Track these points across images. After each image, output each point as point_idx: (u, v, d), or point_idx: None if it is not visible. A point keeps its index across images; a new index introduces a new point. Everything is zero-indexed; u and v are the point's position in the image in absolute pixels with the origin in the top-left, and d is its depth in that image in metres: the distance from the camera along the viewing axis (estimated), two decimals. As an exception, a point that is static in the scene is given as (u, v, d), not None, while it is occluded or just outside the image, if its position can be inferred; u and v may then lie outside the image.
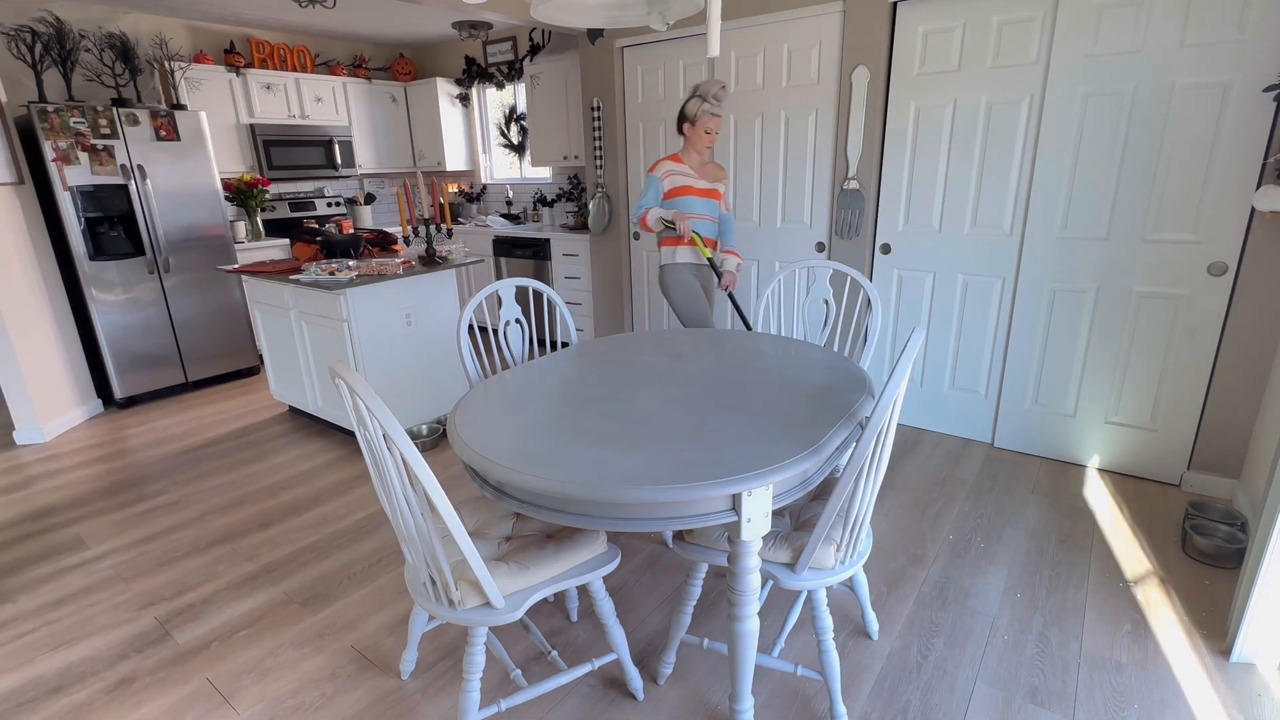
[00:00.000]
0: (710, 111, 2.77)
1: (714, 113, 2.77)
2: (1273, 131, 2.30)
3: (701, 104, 2.77)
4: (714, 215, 2.98)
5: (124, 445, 3.49)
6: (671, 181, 2.92)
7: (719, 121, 2.82)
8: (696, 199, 2.91)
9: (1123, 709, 1.66)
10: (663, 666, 1.78)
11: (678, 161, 2.93)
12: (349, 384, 1.15)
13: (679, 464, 1.33)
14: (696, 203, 2.92)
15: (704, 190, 2.93)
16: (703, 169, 2.95)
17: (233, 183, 4.66)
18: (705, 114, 2.78)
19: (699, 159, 2.93)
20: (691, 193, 2.90)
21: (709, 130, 2.82)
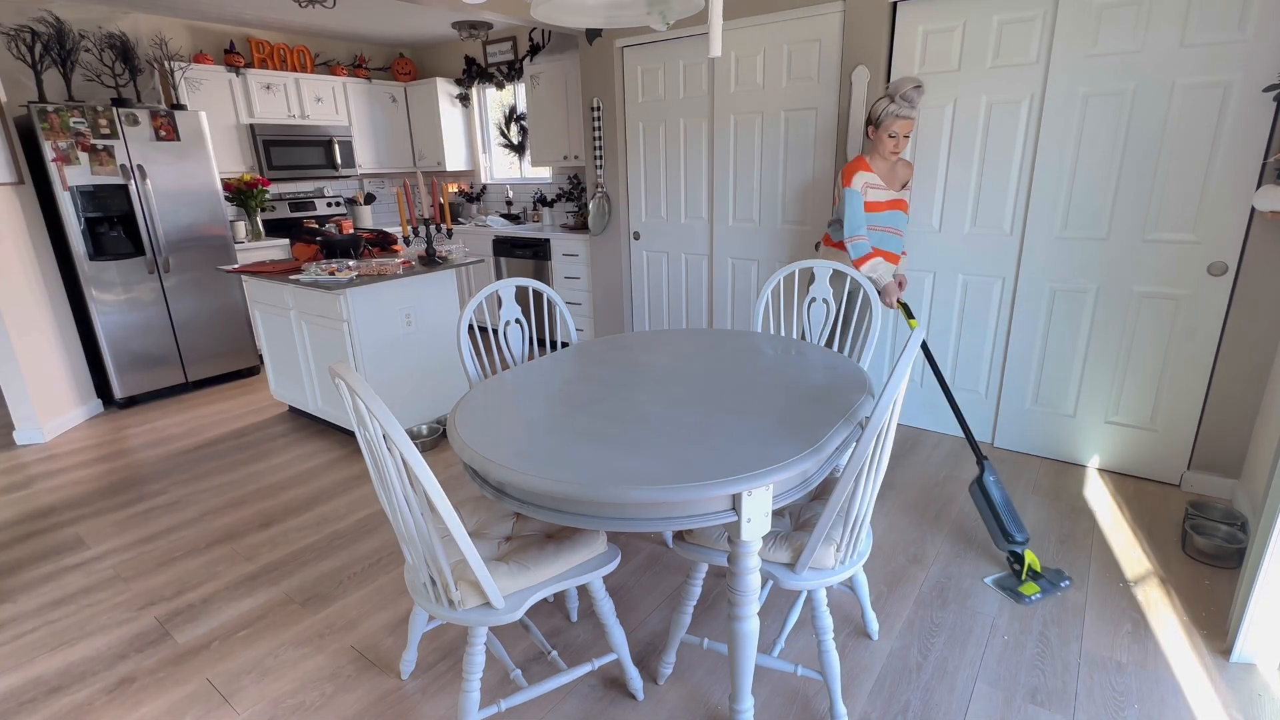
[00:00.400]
0: (897, 114, 2.48)
1: (901, 114, 2.48)
2: (1273, 131, 2.30)
3: (888, 105, 2.49)
4: (899, 228, 2.68)
5: (124, 445, 3.49)
6: (866, 194, 2.61)
7: (908, 124, 2.50)
8: (880, 214, 2.64)
9: (1123, 709, 1.66)
10: (663, 666, 1.78)
11: (867, 170, 2.59)
12: (349, 384, 1.15)
13: (679, 464, 1.33)
14: (880, 218, 2.65)
15: (890, 203, 2.65)
16: (889, 175, 2.65)
17: (233, 183, 4.66)
18: (890, 116, 2.48)
19: (887, 165, 2.64)
20: (876, 207, 2.63)
21: (893, 134, 2.52)
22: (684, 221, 4.02)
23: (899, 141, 2.54)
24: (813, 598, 1.56)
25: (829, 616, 1.58)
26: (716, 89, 3.63)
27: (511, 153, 5.70)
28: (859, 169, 2.58)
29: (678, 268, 4.15)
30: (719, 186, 3.80)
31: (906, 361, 1.26)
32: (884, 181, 2.63)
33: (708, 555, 1.58)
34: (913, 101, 2.47)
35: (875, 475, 1.40)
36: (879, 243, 2.69)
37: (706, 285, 4.05)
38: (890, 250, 2.70)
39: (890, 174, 2.65)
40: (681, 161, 3.91)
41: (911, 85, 2.45)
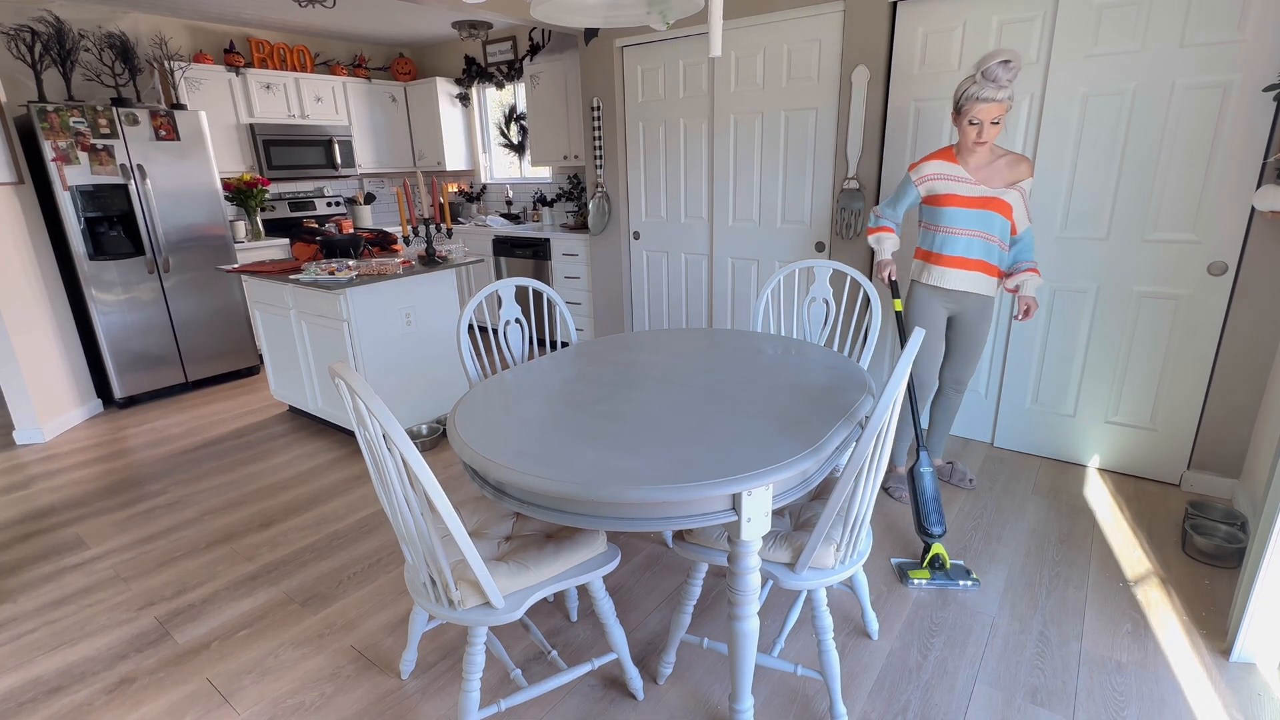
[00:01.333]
0: (978, 95, 2.08)
1: (983, 97, 2.07)
2: (1273, 131, 2.30)
3: (969, 85, 2.11)
4: (990, 233, 2.31)
5: (124, 445, 3.49)
6: (931, 187, 2.32)
7: (993, 109, 2.08)
8: (961, 211, 2.30)
9: (1123, 709, 1.66)
10: (662, 666, 1.78)
11: (948, 160, 2.29)
12: (349, 384, 1.15)
13: (679, 464, 1.33)
14: (961, 216, 2.30)
15: (976, 200, 2.27)
16: (986, 170, 2.27)
17: (232, 182, 4.66)
18: (970, 99, 2.10)
19: (979, 158, 2.26)
20: (955, 202, 2.29)
21: (974, 120, 2.13)
22: (684, 221, 4.02)
23: (983, 130, 2.13)
24: (813, 597, 1.57)
25: (829, 616, 1.58)
26: (716, 89, 3.63)
27: (511, 152, 5.70)
28: (934, 157, 2.33)
29: (678, 268, 4.15)
30: (719, 186, 3.80)
31: (906, 361, 1.26)
32: (972, 176, 2.27)
33: (708, 555, 1.58)
34: (999, 80, 2.05)
35: (875, 475, 1.40)
36: (961, 249, 2.34)
37: (706, 285, 4.05)
38: (976, 258, 2.34)
39: (986, 169, 2.27)
40: (681, 161, 3.91)
41: (998, 60, 2.04)
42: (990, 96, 2.08)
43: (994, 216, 2.30)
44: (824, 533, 1.43)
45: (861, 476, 1.39)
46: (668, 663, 1.77)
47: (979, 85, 2.08)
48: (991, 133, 2.16)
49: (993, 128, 2.14)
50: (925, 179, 2.36)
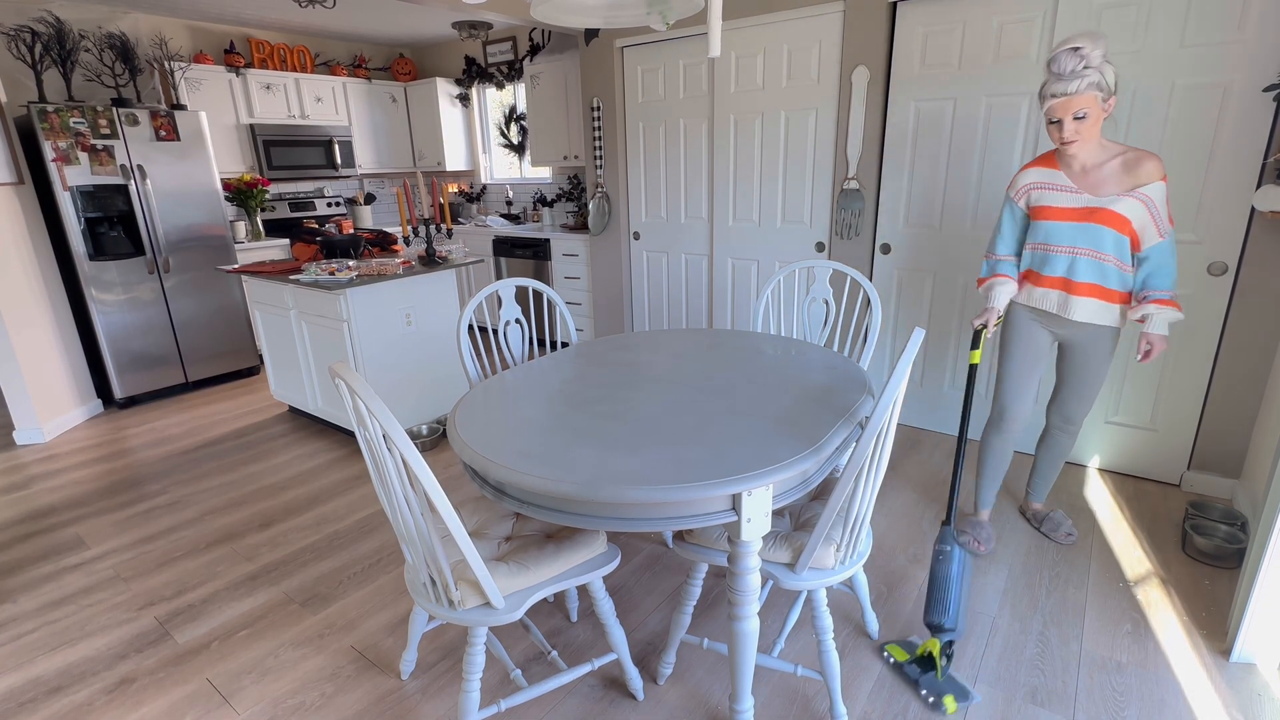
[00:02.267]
0: (1050, 92, 1.81)
1: (1054, 92, 1.81)
2: (1273, 131, 2.30)
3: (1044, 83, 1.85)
4: (1100, 250, 1.94)
5: (124, 445, 3.49)
6: (1031, 198, 2.04)
7: (1069, 103, 1.79)
8: (1060, 226, 1.98)
9: (1123, 709, 1.66)
10: (662, 666, 1.77)
11: (1049, 166, 2.00)
12: (349, 384, 1.15)
13: (679, 464, 1.33)
14: (1060, 231, 1.99)
15: (1077, 211, 1.94)
16: (1093, 175, 1.92)
17: (233, 183, 4.66)
18: (1043, 98, 1.85)
19: (1083, 160, 1.93)
20: (1052, 215, 1.99)
21: (1053, 119, 1.85)
22: (684, 221, 4.02)
23: (1064, 128, 1.84)
24: (813, 598, 1.56)
25: (829, 617, 1.58)
26: (716, 89, 3.63)
27: (511, 153, 5.70)
28: (1034, 164, 2.03)
29: (678, 268, 4.15)
30: (719, 186, 3.80)
31: (906, 361, 1.26)
32: (1075, 183, 1.95)
33: (708, 555, 1.58)
34: (1062, 70, 1.77)
35: (875, 475, 1.40)
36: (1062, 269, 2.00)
37: (706, 285, 4.05)
38: (1083, 280, 1.99)
39: (1094, 173, 1.93)
40: (681, 161, 3.91)
41: (1067, 47, 1.76)
42: (1061, 91, 1.79)
43: (1103, 230, 1.92)
44: (824, 533, 1.43)
45: (861, 477, 1.39)
46: (668, 663, 1.77)
47: (1049, 79, 1.82)
48: (1077, 130, 1.83)
49: (1077, 123, 1.82)
50: (1022, 190, 2.05)
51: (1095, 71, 1.75)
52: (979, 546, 2.31)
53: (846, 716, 1.63)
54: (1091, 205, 1.93)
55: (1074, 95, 1.78)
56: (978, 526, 2.38)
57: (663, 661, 1.77)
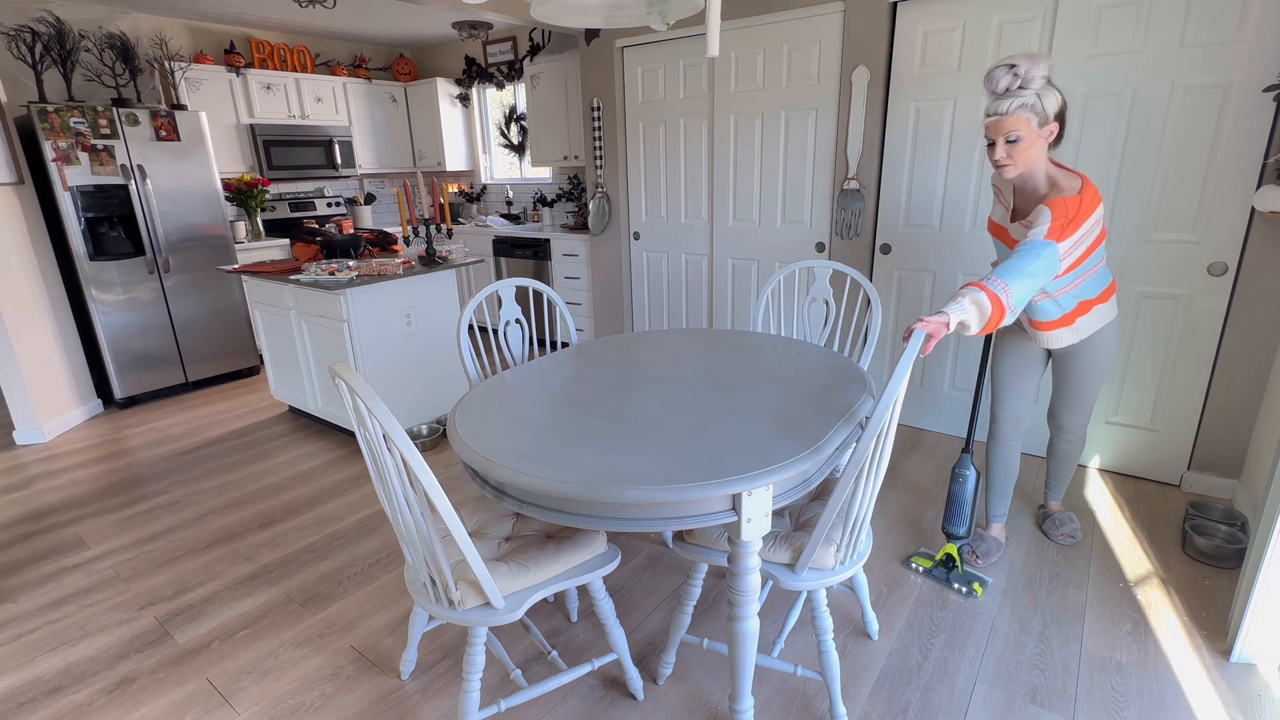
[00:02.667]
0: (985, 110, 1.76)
1: (987, 110, 1.73)
2: (1273, 131, 2.30)
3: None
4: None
5: (124, 445, 3.49)
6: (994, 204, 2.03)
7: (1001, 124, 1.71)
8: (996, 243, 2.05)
9: (1123, 709, 1.66)
10: (663, 666, 1.77)
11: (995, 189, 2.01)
12: (349, 384, 1.15)
13: (679, 464, 1.33)
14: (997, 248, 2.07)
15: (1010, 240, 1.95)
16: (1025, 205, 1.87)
17: (233, 183, 4.66)
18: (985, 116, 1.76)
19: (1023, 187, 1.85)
20: (994, 232, 2.02)
21: (987, 139, 1.77)
22: (684, 221, 4.02)
23: (995, 150, 1.75)
24: (812, 598, 1.57)
25: (829, 617, 1.58)
26: (716, 89, 3.63)
27: (511, 153, 5.70)
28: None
29: (678, 268, 4.15)
30: (719, 186, 3.80)
31: (907, 361, 1.26)
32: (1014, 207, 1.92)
33: (708, 555, 1.58)
34: (996, 87, 1.69)
35: (875, 475, 1.40)
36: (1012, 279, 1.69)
37: (706, 285, 4.05)
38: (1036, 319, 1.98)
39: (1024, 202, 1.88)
40: (681, 161, 3.91)
41: (1001, 64, 1.69)
42: (991, 110, 1.72)
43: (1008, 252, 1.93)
44: (824, 533, 1.43)
45: (862, 477, 1.39)
46: (668, 663, 1.77)
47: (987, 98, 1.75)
48: (1009, 153, 1.73)
49: (1009, 146, 1.72)
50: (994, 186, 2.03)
51: (1032, 94, 1.66)
52: (976, 560, 2.25)
53: (846, 717, 1.63)
54: (1007, 230, 1.91)
55: (1004, 116, 1.69)
56: (981, 540, 2.29)
57: (663, 661, 1.77)
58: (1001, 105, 1.70)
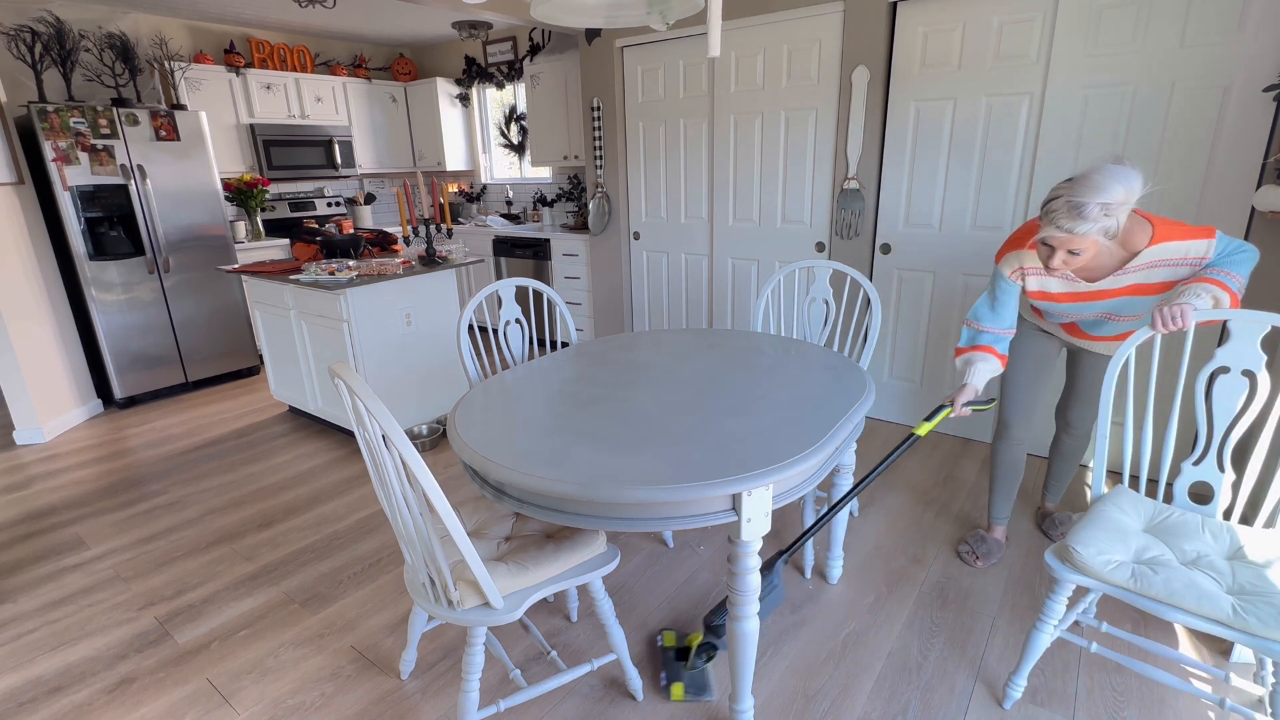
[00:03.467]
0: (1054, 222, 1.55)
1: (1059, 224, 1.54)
2: (1273, 131, 2.30)
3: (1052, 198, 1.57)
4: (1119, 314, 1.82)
5: (124, 445, 3.49)
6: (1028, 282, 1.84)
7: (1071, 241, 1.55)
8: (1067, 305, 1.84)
9: (1123, 709, 1.66)
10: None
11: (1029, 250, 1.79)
12: (348, 384, 1.15)
13: (679, 464, 1.33)
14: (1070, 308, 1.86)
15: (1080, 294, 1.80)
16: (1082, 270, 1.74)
17: (233, 183, 4.66)
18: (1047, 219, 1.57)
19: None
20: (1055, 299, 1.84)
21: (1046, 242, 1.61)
22: (684, 221, 4.02)
23: (1054, 258, 1.60)
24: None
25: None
26: (716, 89, 3.63)
27: (511, 153, 5.70)
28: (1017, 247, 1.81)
29: (678, 268, 4.15)
30: (719, 186, 3.80)
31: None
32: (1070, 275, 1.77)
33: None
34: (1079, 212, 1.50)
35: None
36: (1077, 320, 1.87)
37: (706, 285, 4.05)
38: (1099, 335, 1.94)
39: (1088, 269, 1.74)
40: (681, 161, 3.91)
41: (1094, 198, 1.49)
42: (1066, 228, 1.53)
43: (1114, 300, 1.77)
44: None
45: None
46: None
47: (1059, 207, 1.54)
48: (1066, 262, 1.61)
49: (1070, 256, 1.59)
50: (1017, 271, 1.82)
51: (1113, 220, 1.51)
52: (975, 560, 2.24)
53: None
54: (1091, 290, 1.77)
55: (1075, 237, 1.54)
56: (982, 541, 2.27)
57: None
58: (1077, 228, 1.51)
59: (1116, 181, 1.49)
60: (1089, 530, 1.53)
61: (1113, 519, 1.59)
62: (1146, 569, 1.42)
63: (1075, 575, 1.46)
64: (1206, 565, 1.45)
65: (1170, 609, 1.35)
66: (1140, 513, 1.64)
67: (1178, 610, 1.35)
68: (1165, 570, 1.41)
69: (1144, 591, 1.38)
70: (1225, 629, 1.30)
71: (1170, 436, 1.65)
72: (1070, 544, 1.47)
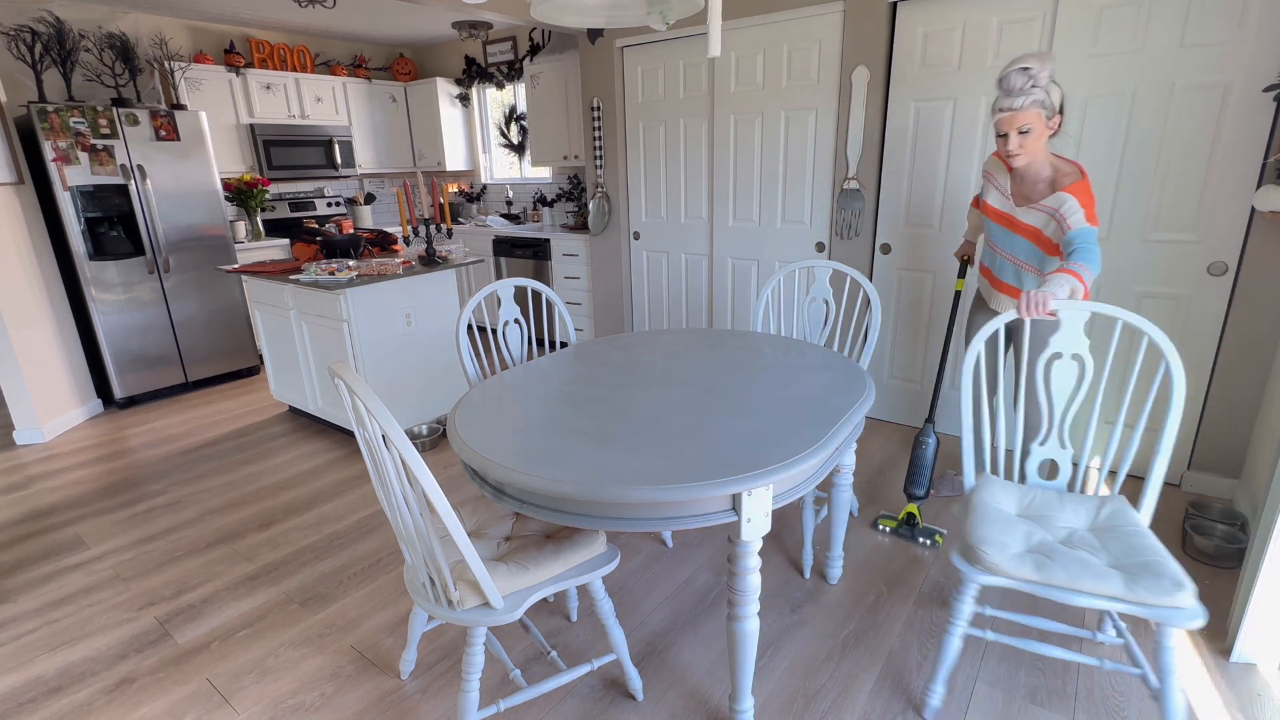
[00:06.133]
0: (998, 107, 1.91)
1: (1001, 107, 1.89)
2: (1273, 131, 2.30)
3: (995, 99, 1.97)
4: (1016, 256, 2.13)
5: (124, 445, 3.49)
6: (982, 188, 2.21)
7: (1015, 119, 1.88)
8: (991, 224, 2.18)
9: (1123, 709, 1.66)
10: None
11: (1001, 163, 2.14)
12: (348, 384, 1.15)
13: (679, 464, 1.33)
14: (993, 230, 2.18)
15: (1002, 215, 2.12)
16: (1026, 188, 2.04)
17: (233, 183, 4.66)
18: (994, 110, 1.93)
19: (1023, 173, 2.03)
20: (987, 212, 2.19)
21: (1000, 132, 1.94)
22: (684, 221, 4.02)
23: (1010, 141, 1.92)
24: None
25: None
26: (716, 89, 3.63)
27: (511, 153, 5.70)
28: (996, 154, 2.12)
29: (678, 268, 4.15)
30: (719, 186, 3.80)
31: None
32: (1009, 187, 2.10)
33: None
34: (1011, 88, 1.85)
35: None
36: (995, 267, 2.22)
37: (706, 285, 4.05)
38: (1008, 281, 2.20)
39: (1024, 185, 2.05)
40: (681, 161, 3.91)
41: (1014, 67, 1.85)
42: (1006, 106, 1.87)
43: (1017, 239, 2.09)
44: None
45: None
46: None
47: (998, 95, 1.91)
48: (1021, 144, 1.91)
49: (1021, 138, 1.89)
50: (985, 172, 2.17)
51: (1041, 90, 1.85)
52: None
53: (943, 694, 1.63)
54: (1011, 214, 2.09)
55: (1019, 111, 1.87)
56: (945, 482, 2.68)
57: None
58: (1015, 101, 1.86)
59: (1032, 56, 1.84)
60: (983, 527, 1.55)
61: (994, 509, 1.64)
62: (1044, 558, 1.44)
63: (986, 576, 1.47)
64: (1081, 542, 1.52)
65: (1074, 594, 1.39)
66: (1011, 498, 1.72)
67: (1080, 594, 1.38)
68: (1059, 556, 1.44)
69: (1049, 581, 1.41)
70: (1123, 603, 1.34)
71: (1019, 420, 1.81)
72: (975, 545, 1.49)
